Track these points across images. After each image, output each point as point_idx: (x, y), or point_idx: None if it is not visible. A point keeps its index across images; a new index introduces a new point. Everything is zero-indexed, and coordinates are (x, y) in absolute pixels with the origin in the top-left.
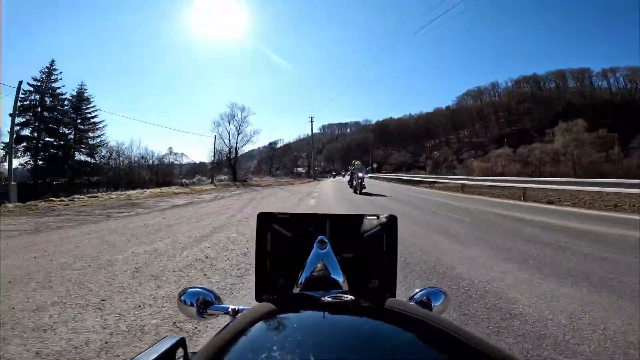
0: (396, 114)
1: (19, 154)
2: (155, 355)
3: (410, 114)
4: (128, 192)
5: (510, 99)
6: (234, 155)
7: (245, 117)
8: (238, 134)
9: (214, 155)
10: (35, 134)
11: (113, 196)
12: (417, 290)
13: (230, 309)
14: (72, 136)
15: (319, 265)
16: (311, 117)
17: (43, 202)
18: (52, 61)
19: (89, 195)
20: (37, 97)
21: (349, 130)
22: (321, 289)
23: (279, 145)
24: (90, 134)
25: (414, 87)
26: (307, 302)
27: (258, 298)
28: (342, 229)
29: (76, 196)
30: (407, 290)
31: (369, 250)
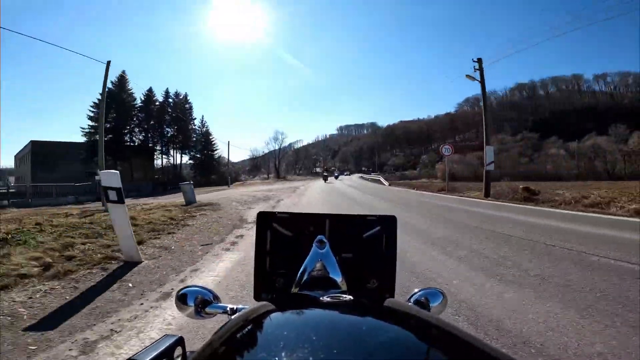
0: (408, 116)
1: (191, 163)
2: (154, 354)
3: (418, 117)
4: (252, 180)
5: (501, 107)
6: (277, 162)
7: (283, 139)
8: (279, 150)
9: (268, 161)
10: (199, 155)
11: (258, 181)
12: (415, 290)
13: (228, 308)
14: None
15: (318, 265)
16: (324, 141)
17: (238, 182)
18: (203, 116)
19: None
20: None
21: (365, 131)
22: (320, 288)
23: (299, 145)
24: (213, 152)
25: (425, 90)
26: (305, 301)
27: (257, 297)
28: (341, 228)
29: (234, 183)
30: (406, 291)
31: (368, 250)
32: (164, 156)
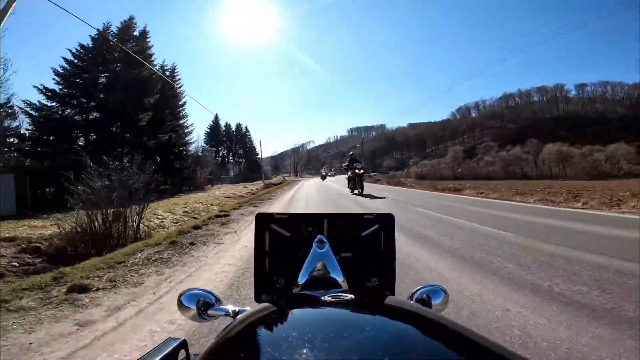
0: (416, 119)
1: (244, 166)
2: (157, 358)
3: (420, 122)
4: (281, 174)
5: (484, 117)
6: (296, 165)
7: (303, 146)
8: (297, 155)
9: (295, 165)
10: (248, 160)
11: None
12: (416, 288)
13: (230, 310)
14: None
15: (319, 265)
16: (334, 144)
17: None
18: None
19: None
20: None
21: (373, 133)
22: (321, 288)
23: (311, 145)
24: (256, 158)
25: (430, 95)
26: (307, 301)
27: (257, 298)
28: (339, 228)
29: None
30: (406, 289)
31: (367, 249)
32: (231, 162)
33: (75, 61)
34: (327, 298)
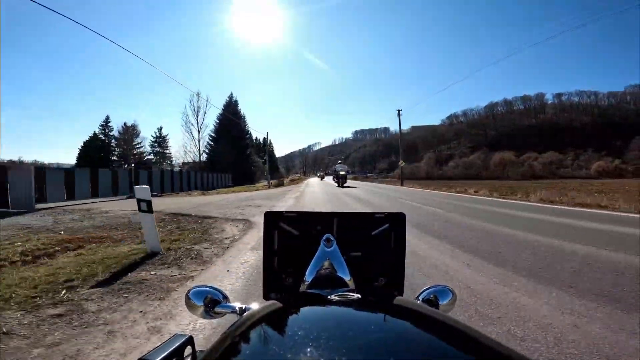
0: (419, 122)
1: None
2: (164, 354)
3: (424, 125)
4: (294, 175)
5: (469, 124)
6: (305, 167)
7: (310, 147)
8: (305, 159)
9: (304, 166)
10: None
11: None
12: (424, 288)
13: (237, 308)
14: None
15: (326, 264)
16: (339, 146)
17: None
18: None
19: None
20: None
21: (377, 136)
22: (328, 287)
23: (318, 147)
24: (276, 163)
25: (430, 98)
26: (312, 300)
27: (266, 296)
28: (349, 227)
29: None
30: (414, 289)
31: (377, 248)
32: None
33: (218, 121)
34: (333, 297)
